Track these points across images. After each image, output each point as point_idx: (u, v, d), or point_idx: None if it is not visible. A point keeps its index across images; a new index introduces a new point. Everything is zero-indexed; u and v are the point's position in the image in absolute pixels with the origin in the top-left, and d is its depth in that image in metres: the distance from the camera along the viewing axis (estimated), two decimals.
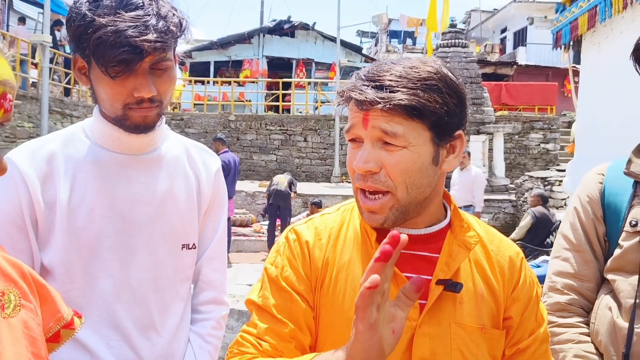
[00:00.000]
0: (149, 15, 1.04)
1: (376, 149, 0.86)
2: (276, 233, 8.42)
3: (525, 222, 6.80)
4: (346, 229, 0.97)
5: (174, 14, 1.08)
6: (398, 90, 0.83)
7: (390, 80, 0.84)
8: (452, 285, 0.89)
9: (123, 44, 1.00)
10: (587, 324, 1.27)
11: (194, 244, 1.26)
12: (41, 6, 11.24)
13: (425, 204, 0.92)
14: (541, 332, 0.97)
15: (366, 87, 0.85)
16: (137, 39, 1.01)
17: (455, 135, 0.90)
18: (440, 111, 0.85)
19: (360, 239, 0.95)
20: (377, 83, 0.85)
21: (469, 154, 7.87)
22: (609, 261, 1.26)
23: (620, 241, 1.24)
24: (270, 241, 8.32)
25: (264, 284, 0.95)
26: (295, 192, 8.74)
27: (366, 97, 0.84)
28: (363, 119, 0.86)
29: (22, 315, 0.75)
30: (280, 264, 0.95)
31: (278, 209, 8.34)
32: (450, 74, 0.89)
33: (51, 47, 10.26)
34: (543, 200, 7.05)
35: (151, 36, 1.02)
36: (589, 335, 1.25)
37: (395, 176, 0.86)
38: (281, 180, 8.52)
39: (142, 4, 1.05)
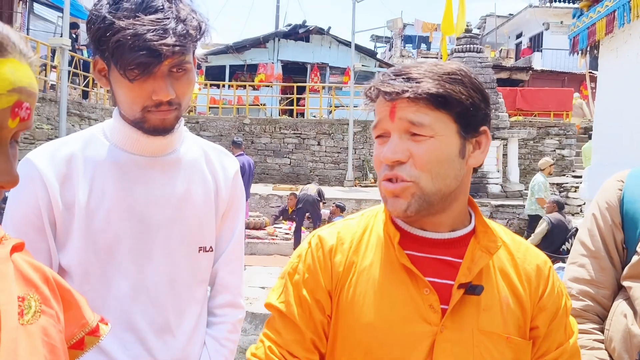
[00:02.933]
0: (168, 18, 1.03)
1: (404, 140, 0.88)
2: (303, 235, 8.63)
3: (541, 228, 6.73)
4: (369, 234, 0.97)
5: (193, 17, 1.08)
6: (425, 81, 0.86)
7: (417, 73, 0.88)
8: (471, 288, 0.88)
9: (142, 47, 1.00)
10: (602, 331, 1.26)
11: (210, 247, 1.25)
12: (61, 10, 11.41)
13: (450, 199, 0.91)
14: (570, 345, 0.95)
15: (393, 80, 0.88)
16: (155, 42, 1.01)
17: (481, 130, 0.92)
18: (466, 102, 0.88)
19: (382, 243, 0.94)
20: (404, 76, 0.89)
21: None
22: (626, 268, 1.25)
23: (638, 248, 1.22)
24: (297, 243, 8.47)
25: (287, 290, 0.96)
26: (324, 202, 9.40)
27: (394, 87, 0.87)
28: (390, 112, 0.88)
29: (42, 321, 0.71)
30: (302, 270, 0.95)
31: (306, 212, 8.77)
32: (473, 75, 0.92)
33: (70, 50, 10.40)
34: (559, 206, 6.98)
35: (170, 40, 1.02)
36: (603, 342, 1.24)
37: (422, 166, 0.87)
38: (311, 188, 9.22)
39: (162, 7, 1.04)
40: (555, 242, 6.65)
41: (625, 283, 1.24)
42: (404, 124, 0.87)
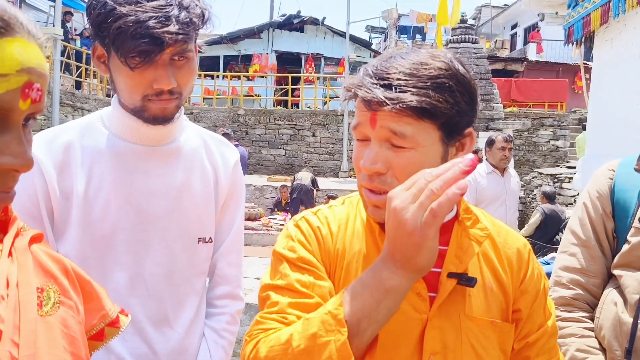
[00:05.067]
0: (171, 5, 1.01)
1: (384, 149, 0.84)
2: None
3: (535, 219, 6.76)
4: (354, 221, 0.96)
5: (196, 5, 1.06)
6: (408, 90, 0.81)
7: (399, 80, 0.82)
8: (466, 280, 0.88)
9: (143, 34, 0.98)
10: (592, 319, 1.28)
11: (210, 238, 1.24)
12: None
13: None
14: (549, 326, 0.96)
15: (374, 85, 0.83)
16: (158, 30, 0.98)
17: (465, 133, 0.89)
18: (451, 112, 0.84)
19: (368, 230, 0.94)
20: (386, 82, 0.82)
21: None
22: (616, 257, 1.26)
23: (628, 237, 1.24)
24: None
25: (283, 268, 0.91)
26: (317, 190, 9.36)
27: (374, 97, 0.81)
28: (371, 119, 0.84)
29: (61, 313, 0.70)
30: (297, 247, 0.92)
31: (301, 202, 8.82)
32: (461, 68, 0.87)
33: (63, 40, 10.31)
34: (549, 198, 7.00)
35: (172, 27, 1.00)
36: (592, 330, 1.26)
37: (402, 178, 0.83)
38: (304, 176, 9.13)
39: None
40: (549, 233, 6.69)
41: (615, 272, 1.26)
42: (385, 133, 0.83)
